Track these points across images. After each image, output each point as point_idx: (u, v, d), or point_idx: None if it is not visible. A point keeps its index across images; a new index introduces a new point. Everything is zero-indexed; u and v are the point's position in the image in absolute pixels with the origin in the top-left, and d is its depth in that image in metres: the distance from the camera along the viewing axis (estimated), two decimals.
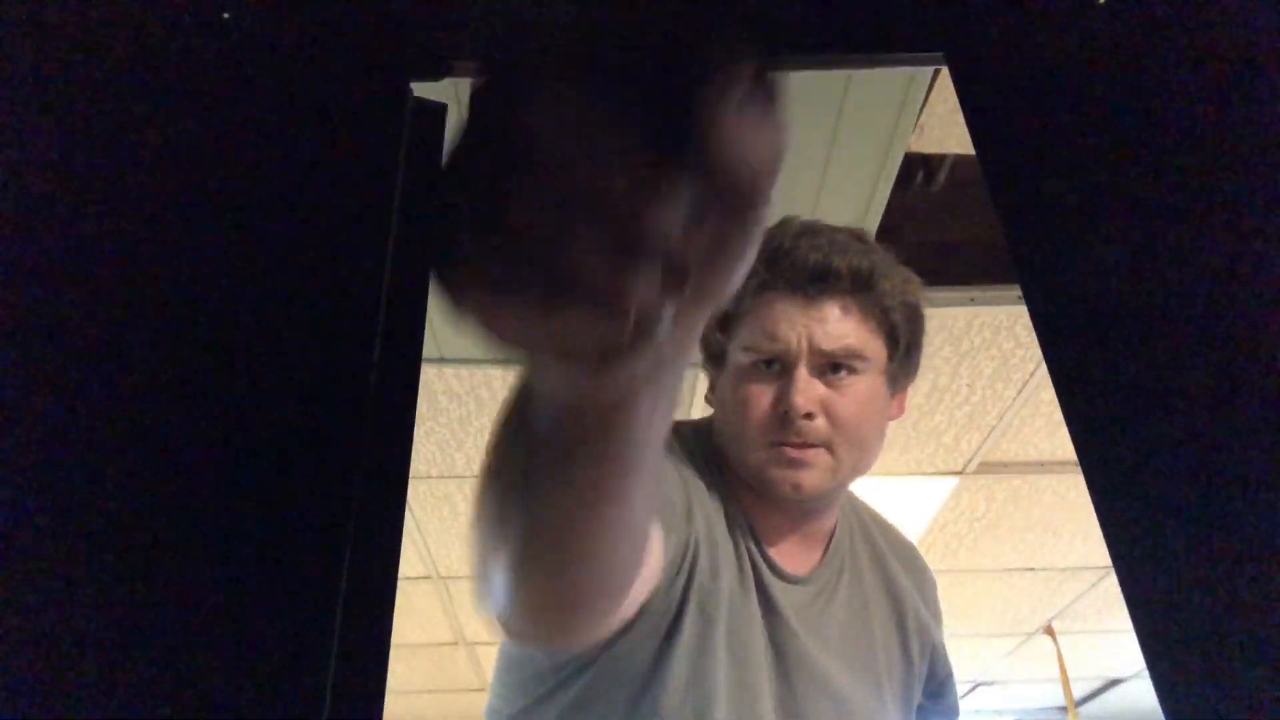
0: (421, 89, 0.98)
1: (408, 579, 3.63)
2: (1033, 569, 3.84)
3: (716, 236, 0.27)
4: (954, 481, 3.12)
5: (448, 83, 1.00)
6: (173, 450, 0.77)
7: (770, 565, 0.99)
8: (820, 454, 0.94)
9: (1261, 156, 0.94)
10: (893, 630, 1.07)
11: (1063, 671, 4.51)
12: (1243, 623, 0.72)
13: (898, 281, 0.98)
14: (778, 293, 0.95)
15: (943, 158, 1.92)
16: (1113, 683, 5.34)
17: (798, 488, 0.94)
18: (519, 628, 0.68)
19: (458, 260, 0.27)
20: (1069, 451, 0.84)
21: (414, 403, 0.87)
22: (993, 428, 2.81)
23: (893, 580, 1.10)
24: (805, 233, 0.97)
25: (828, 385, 0.94)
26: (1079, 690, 5.21)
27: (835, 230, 0.99)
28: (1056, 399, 0.88)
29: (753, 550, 0.98)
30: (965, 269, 2.03)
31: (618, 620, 0.77)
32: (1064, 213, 0.96)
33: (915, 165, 1.90)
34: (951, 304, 2.14)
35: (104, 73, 0.95)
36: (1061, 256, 0.94)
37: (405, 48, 1.00)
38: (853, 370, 0.95)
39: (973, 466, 3.03)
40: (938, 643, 1.12)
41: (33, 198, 0.88)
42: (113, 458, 0.76)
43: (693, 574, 0.89)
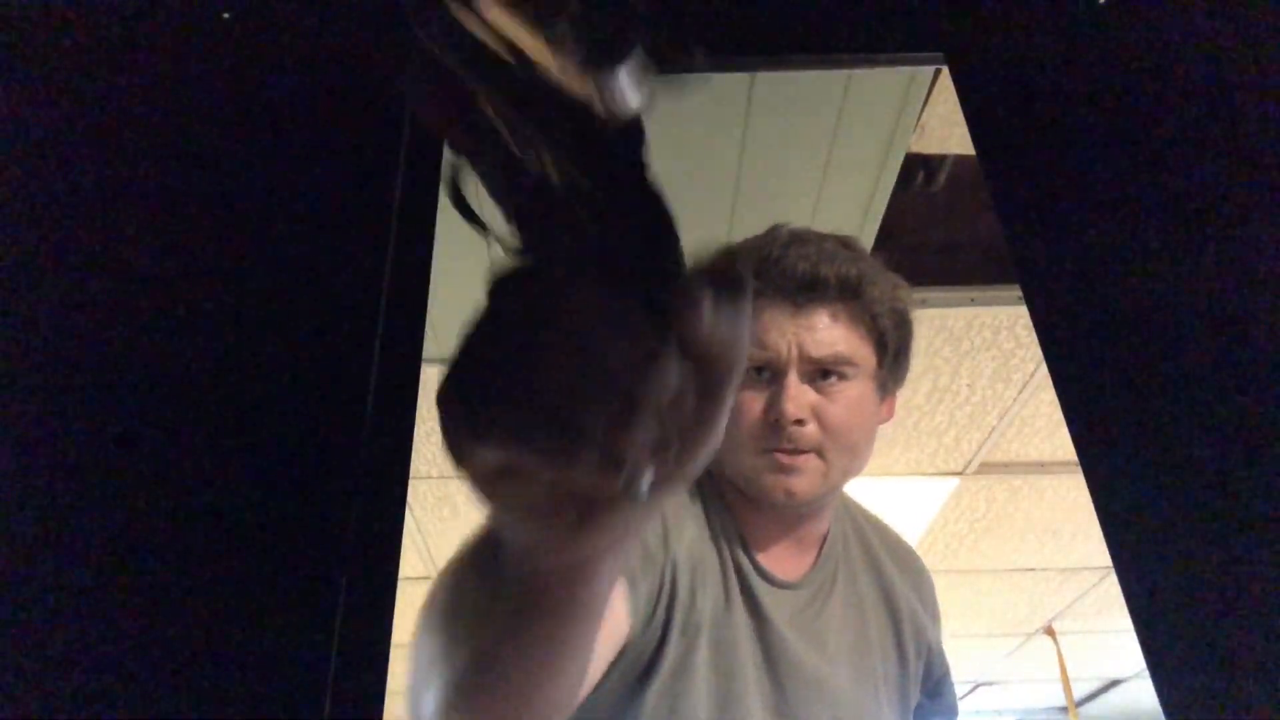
0: None
1: (408, 579, 3.62)
2: (1033, 569, 3.84)
3: (693, 410, 0.32)
4: (954, 482, 3.12)
5: None
6: (172, 450, 0.77)
7: (760, 572, 1.00)
8: (811, 460, 0.95)
9: (1261, 156, 0.94)
10: (888, 631, 1.08)
11: (1063, 671, 4.51)
12: (1243, 623, 0.72)
13: (886, 288, 0.99)
14: (767, 301, 0.96)
15: (943, 158, 1.91)
16: (1113, 683, 5.34)
17: (790, 494, 0.96)
18: None
19: (477, 415, 0.31)
20: (1069, 451, 0.84)
21: (414, 403, 0.87)
22: (993, 428, 2.81)
23: (888, 581, 1.10)
24: (793, 241, 0.98)
25: (818, 391, 0.96)
26: (1079, 690, 5.21)
27: (823, 238, 1.00)
28: (1056, 399, 0.88)
29: (741, 558, 0.99)
30: (965, 269, 2.03)
31: (580, 696, 0.78)
32: (1064, 213, 0.96)
33: (915, 165, 1.90)
34: (951, 304, 2.13)
35: (104, 72, 0.95)
36: (1061, 256, 0.94)
37: (405, 48, 1.00)
38: (842, 376, 0.96)
39: (973, 467, 3.03)
40: (934, 643, 1.12)
41: (32, 197, 0.88)
42: (113, 459, 0.76)
43: (673, 602, 0.90)
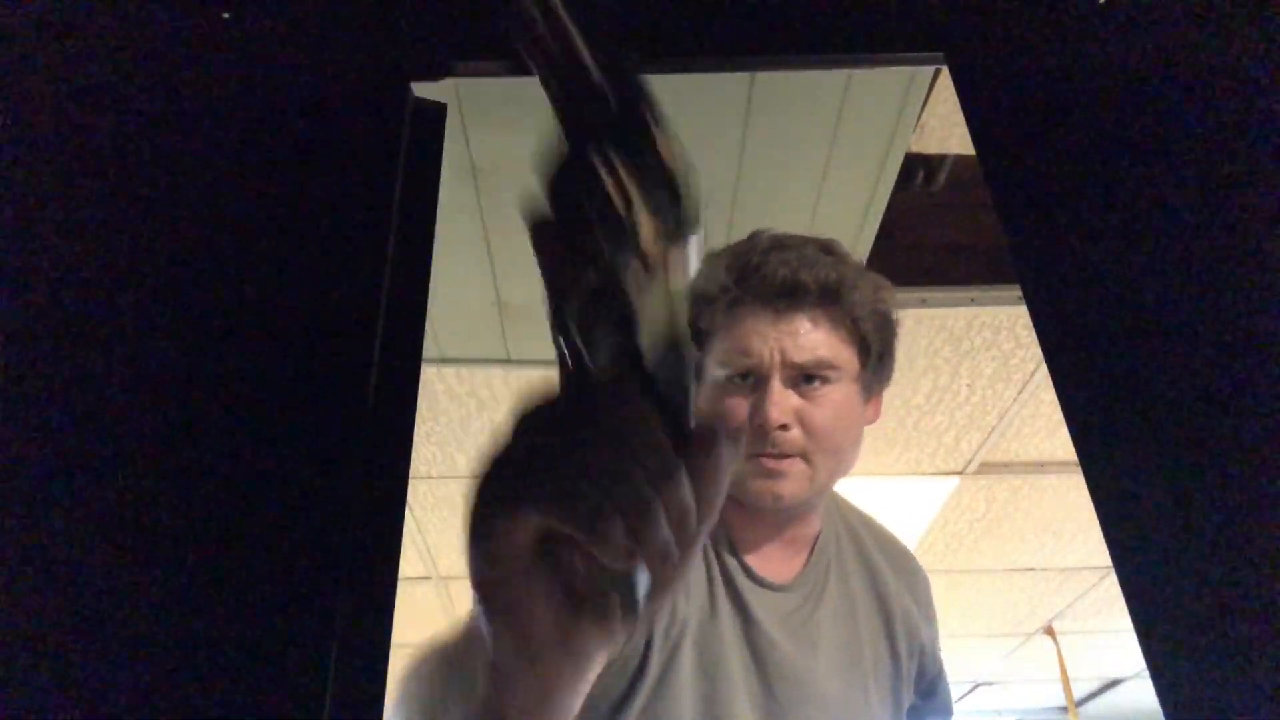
0: (421, 89, 0.98)
1: (408, 579, 3.63)
2: (1033, 569, 3.84)
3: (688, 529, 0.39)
4: (954, 481, 3.12)
5: (448, 83, 1.00)
6: (172, 450, 0.77)
7: (749, 574, 1.00)
8: (797, 464, 0.96)
9: (1261, 156, 0.94)
10: (880, 631, 1.08)
11: (1063, 671, 4.51)
12: (1243, 623, 0.72)
13: (867, 291, 1.00)
14: (748, 308, 0.97)
15: (943, 158, 1.91)
16: (1113, 683, 5.34)
17: (778, 498, 0.96)
18: None
19: (523, 480, 0.37)
20: (1069, 451, 0.84)
21: (414, 403, 0.87)
22: (993, 428, 2.81)
23: (880, 582, 1.10)
24: (774, 248, 0.99)
25: (801, 396, 0.96)
26: (1079, 690, 5.21)
27: (804, 244, 1.00)
28: (1056, 399, 0.88)
29: (729, 561, 1.00)
30: (965, 269, 2.03)
31: None
32: (1064, 213, 0.96)
33: (915, 165, 1.90)
34: (951, 304, 2.13)
35: (104, 72, 0.95)
36: (1061, 256, 0.94)
37: (405, 48, 1.00)
38: (825, 380, 0.97)
39: (973, 467, 3.03)
40: (927, 642, 1.12)
41: (32, 197, 0.88)
42: (112, 459, 0.76)
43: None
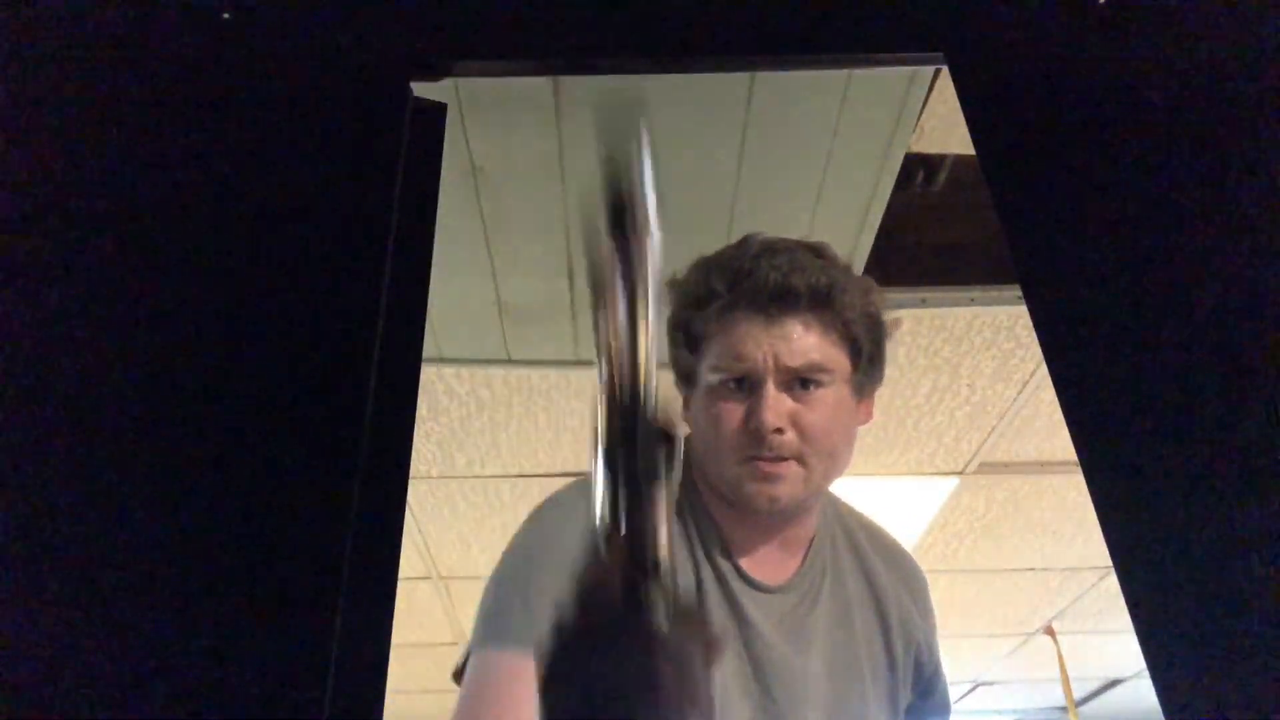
0: (421, 89, 0.98)
1: (408, 579, 3.63)
2: (1033, 569, 3.84)
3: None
4: (954, 481, 3.12)
5: (448, 83, 1.00)
6: (172, 450, 0.77)
7: (743, 577, 1.01)
8: (791, 466, 0.97)
9: (1261, 156, 0.94)
10: (876, 631, 1.08)
11: (1063, 671, 4.51)
12: (1243, 623, 0.72)
13: (857, 294, 1.01)
14: (741, 313, 0.98)
15: (943, 158, 1.91)
16: (1113, 683, 5.33)
17: (774, 500, 0.98)
18: None
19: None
20: (1069, 451, 0.84)
21: (414, 403, 0.87)
22: (993, 428, 2.80)
23: (876, 581, 1.11)
24: (765, 252, 1.00)
25: (795, 399, 0.98)
26: (1079, 690, 5.20)
27: (794, 248, 1.02)
28: (1056, 399, 0.88)
29: (722, 565, 1.01)
30: (965, 269, 2.03)
31: None
32: (1064, 213, 0.96)
33: (915, 165, 1.90)
34: (951, 304, 2.13)
35: (105, 72, 0.95)
36: (1061, 256, 0.94)
37: (405, 48, 1.00)
38: (819, 384, 0.98)
39: (973, 467, 3.03)
40: (923, 641, 1.12)
41: (30, 199, 0.88)
42: (112, 459, 0.76)
43: None
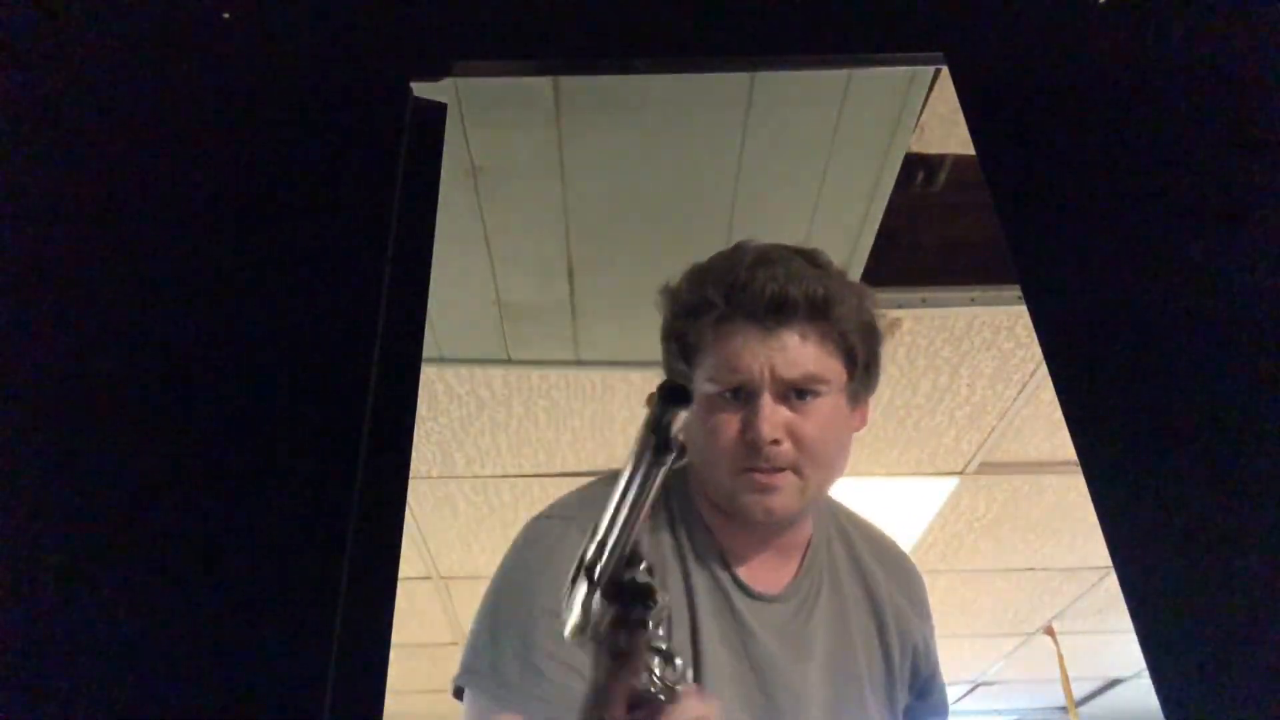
0: (421, 89, 0.98)
1: (408, 579, 3.63)
2: (1033, 569, 3.84)
3: None
4: (954, 482, 3.12)
5: (448, 83, 1.00)
6: (172, 450, 0.77)
7: (740, 587, 1.02)
8: (788, 477, 0.97)
9: (1262, 156, 0.94)
10: (873, 633, 1.09)
11: (1063, 671, 4.50)
12: (1243, 623, 0.72)
13: (852, 304, 1.01)
14: (737, 324, 0.98)
15: (943, 158, 1.91)
16: (1113, 683, 5.33)
17: (770, 512, 0.98)
18: None
19: None
20: (1069, 451, 0.84)
21: (414, 403, 0.87)
22: (993, 428, 2.80)
23: (872, 582, 1.11)
24: (760, 262, 0.99)
25: (791, 410, 0.97)
26: (1079, 690, 5.20)
27: (790, 257, 1.01)
28: (1056, 399, 0.88)
29: (720, 575, 1.02)
30: (965, 269, 2.03)
31: None
32: (1064, 213, 0.96)
33: (915, 165, 1.90)
34: (951, 304, 2.13)
35: (105, 72, 0.95)
36: (1061, 256, 0.94)
37: (405, 48, 1.00)
38: (815, 394, 0.98)
39: (973, 467, 3.03)
40: (920, 641, 1.12)
41: (30, 199, 0.88)
42: (112, 459, 0.76)
43: None
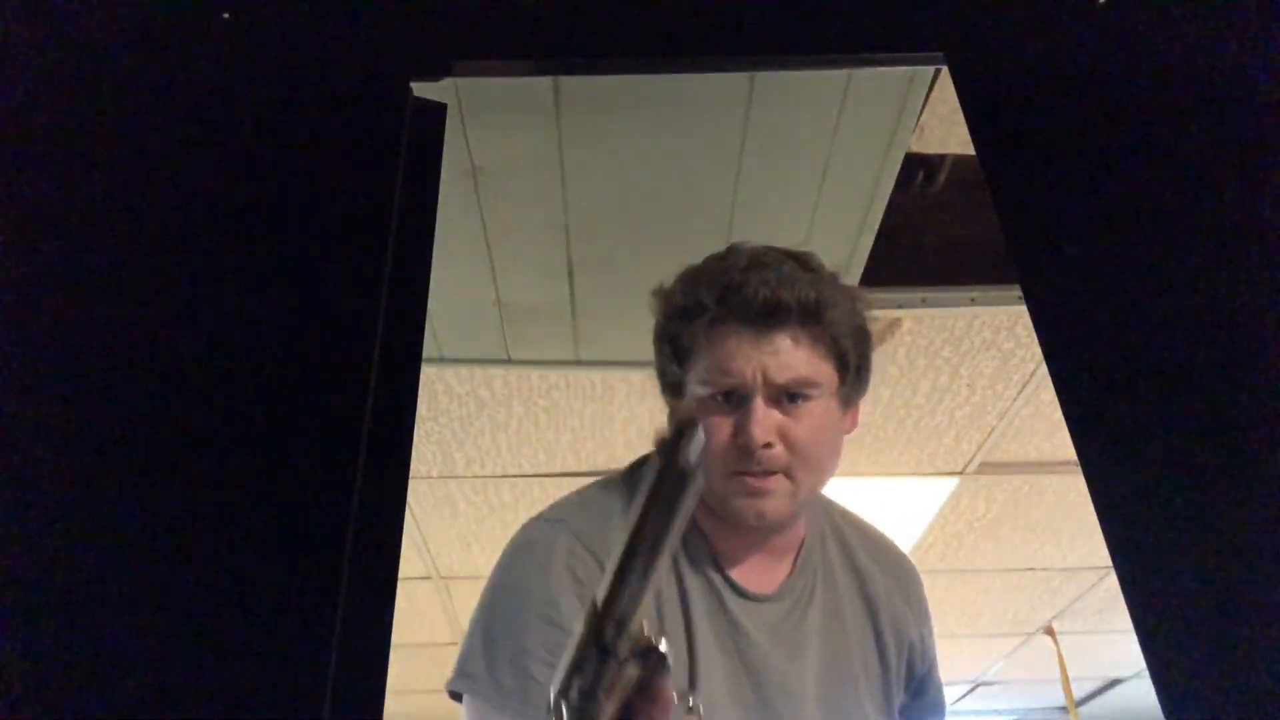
0: (421, 89, 0.98)
1: (408, 579, 3.63)
2: (1033, 569, 3.84)
3: None
4: (954, 482, 3.12)
5: (448, 83, 1.00)
6: (172, 450, 0.77)
7: (733, 588, 1.02)
8: (780, 480, 0.98)
9: (1262, 156, 0.94)
10: (868, 631, 1.09)
11: (1063, 671, 4.50)
12: (1243, 623, 0.72)
13: (845, 308, 1.01)
14: (730, 328, 0.98)
15: (943, 158, 1.91)
16: (1113, 683, 5.33)
17: (761, 515, 0.98)
18: None
19: None
20: (1069, 451, 0.84)
21: (414, 403, 0.87)
22: (993, 428, 2.80)
23: (866, 581, 1.11)
24: (753, 265, 1.00)
25: (783, 413, 0.98)
26: (1079, 690, 5.20)
27: (782, 260, 1.02)
28: (1056, 399, 0.88)
29: (713, 577, 1.02)
30: (965, 269, 2.03)
31: None
32: (1064, 213, 0.96)
33: (915, 165, 1.90)
34: (951, 304, 2.13)
35: (105, 72, 0.95)
36: (1061, 256, 0.94)
37: (405, 48, 1.00)
38: (807, 398, 0.99)
39: (973, 467, 3.03)
40: (915, 640, 1.12)
41: (30, 200, 0.88)
42: (112, 459, 0.76)
43: None
